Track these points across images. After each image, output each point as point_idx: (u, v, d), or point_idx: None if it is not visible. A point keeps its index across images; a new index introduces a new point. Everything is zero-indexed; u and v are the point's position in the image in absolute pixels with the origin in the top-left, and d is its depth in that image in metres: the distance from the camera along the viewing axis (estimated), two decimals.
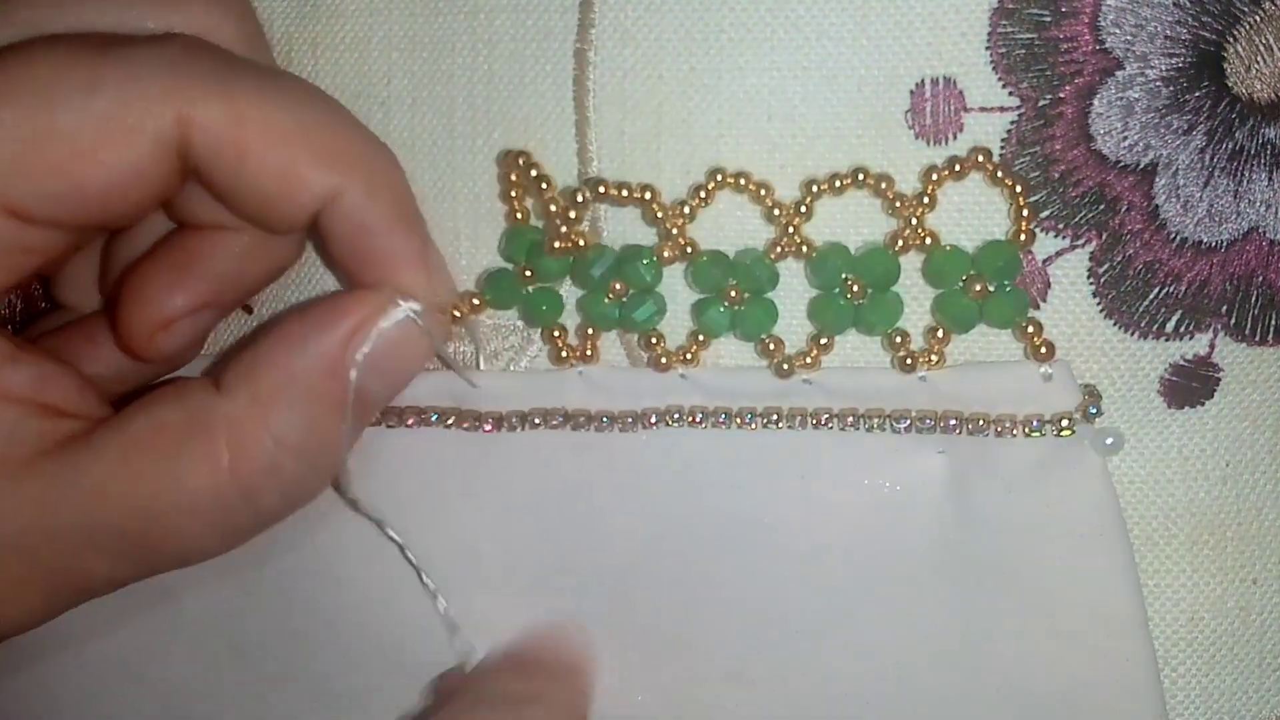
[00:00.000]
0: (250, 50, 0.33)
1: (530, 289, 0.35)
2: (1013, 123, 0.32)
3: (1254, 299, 0.33)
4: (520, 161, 0.34)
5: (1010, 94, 0.32)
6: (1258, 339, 0.34)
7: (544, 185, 0.34)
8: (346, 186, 0.32)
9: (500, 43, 0.35)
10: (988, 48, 0.32)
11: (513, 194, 0.35)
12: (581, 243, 0.34)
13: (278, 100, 0.31)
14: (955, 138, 0.33)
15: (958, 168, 0.32)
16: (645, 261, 0.34)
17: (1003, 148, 0.32)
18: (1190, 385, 0.34)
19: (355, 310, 0.32)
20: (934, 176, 0.32)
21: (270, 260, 0.35)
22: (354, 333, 0.32)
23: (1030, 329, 0.33)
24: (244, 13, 0.34)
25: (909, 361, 0.33)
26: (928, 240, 0.33)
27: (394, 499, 0.36)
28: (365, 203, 0.32)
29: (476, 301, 0.35)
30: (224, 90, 0.30)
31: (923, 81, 0.32)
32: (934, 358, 0.33)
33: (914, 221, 0.33)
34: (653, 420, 0.35)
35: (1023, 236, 0.32)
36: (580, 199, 0.34)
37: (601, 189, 0.34)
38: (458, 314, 0.35)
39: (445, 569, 0.36)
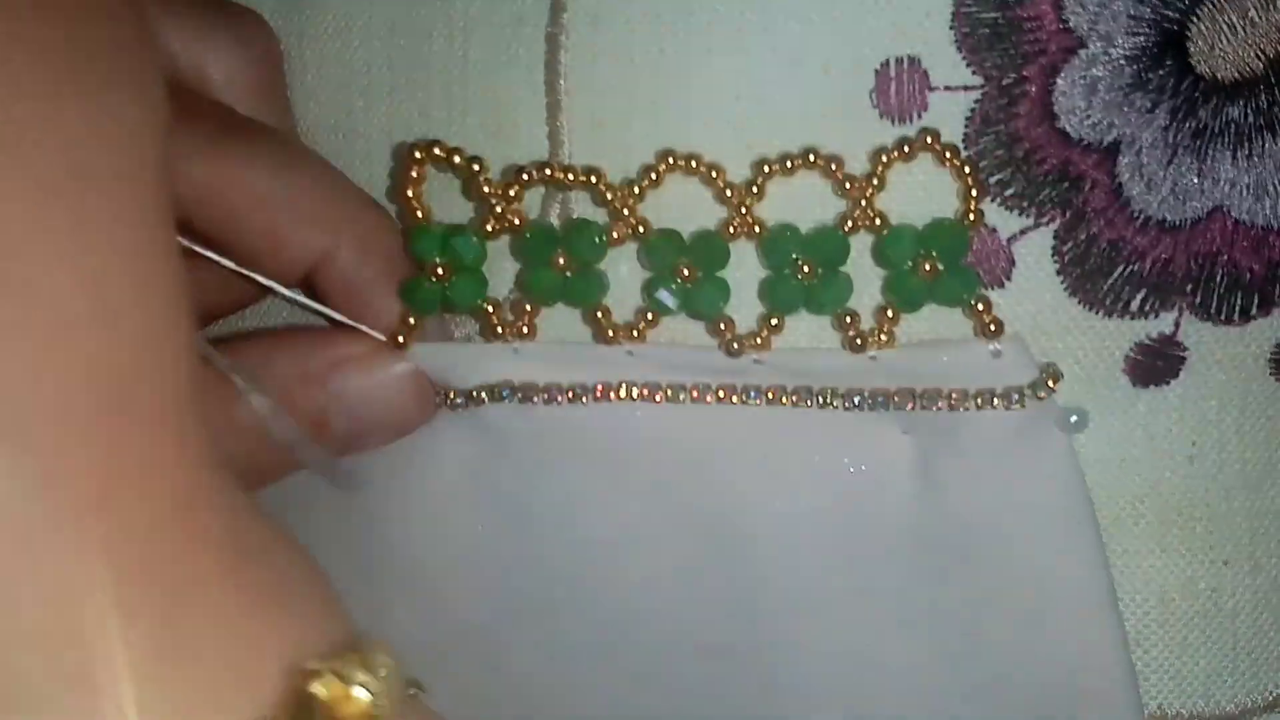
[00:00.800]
0: (267, 98, 0.35)
1: (448, 283, 0.34)
2: (976, 101, 0.32)
3: (1219, 278, 0.33)
4: (435, 151, 0.34)
5: (974, 73, 0.32)
6: (1223, 318, 0.33)
7: (475, 166, 0.34)
8: (336, 248, 0.33)
9: (475, 29, 0.35)
10: (952, 27, 0.32)
11: (409, 191, 0.34)
12: (518, 221, 0.34)
13: (267, 165, 0.32)
14: (919, 117, 0.33)
15: (906, 149, 0.32)
16: (586, 233, 0.33)
17: (966, 126, 0.32)
18: (1155, 364, 0.34)
19: (347, 345, 0.34)
20: (883, 158, 0.32)
21: (246, 294, 0.36)
22: (338, 364, 0.34)
23: (980, 306, 0.33)
24: (268, 60, 0.35)
25: (859, 341, 0.33)
26: (877, 221, 0.33)
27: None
28: (356, 265, 0.34)
29: (412, 321, 0.34)
30: (214, 152, 0.32)
31: (888, 61, 0.32)
32: (883, 337, 0.33)
33: (863, 203, 0.33)
34: (604, 391, 0.34)
35: (971, 216, 0.32)
36: (526, 177, 0.34)
37: (548, 171, 0.34)
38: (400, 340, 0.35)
39: (398, 546, 0.36)
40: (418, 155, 0.34)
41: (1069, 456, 0.33)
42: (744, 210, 0.33)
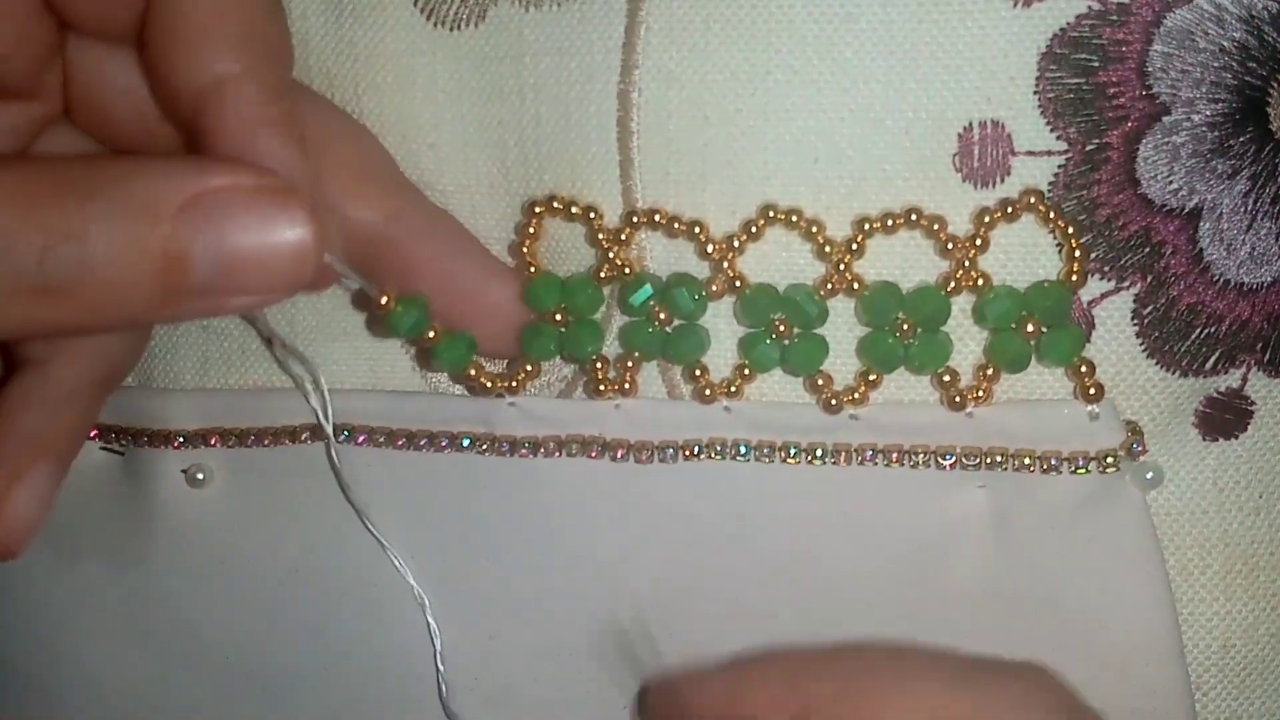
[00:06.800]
0: None
1: (564, 329, 0.33)
2: (1060, 167, 0.31)
3: None
4: (553, 205, 0.33)
5: (1058, 138, 0.30)
6: None
7: (592, 214, 0.33)
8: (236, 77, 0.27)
9: (545, 86, 0.33)
10: (1036, 92, 0.30)
11: (524, 247, 0.33)
12: (628, 270, 0.33)
13: None
14: (1003, 181, 0.31)
15: (1010, 210, 0.30)
16: (685, 289, 0.32)
17: (1050, 191, 0.31)
18: (1224, 417, 0.33)
19: (231, 175, 0.26)
20: (986, 219, 0.31)
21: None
22: (213, 196, 0.25)
23: (1084, 369, 0.31)
24: None
25: (958, 400, 0.32)
26: (979, 282, 0.31)
27: (424, 523, 0.35)
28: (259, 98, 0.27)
29: (530, 368, 0.34)
30: None
31: (970, 125, 0.31)
32: (981, 394, 0.32)
33: (966, 264, 0.31)
34: (694, 451, 0.33)
35: (1074, 278, 0.31)
36: (634, 221, 0.32)
37: (657, 218, 0.32)
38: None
39: (477, 595, 0.35)
40: (537, 210, 0.33)
41: (1142, 511, 0.32)
42: (842, 267, 0.31)
